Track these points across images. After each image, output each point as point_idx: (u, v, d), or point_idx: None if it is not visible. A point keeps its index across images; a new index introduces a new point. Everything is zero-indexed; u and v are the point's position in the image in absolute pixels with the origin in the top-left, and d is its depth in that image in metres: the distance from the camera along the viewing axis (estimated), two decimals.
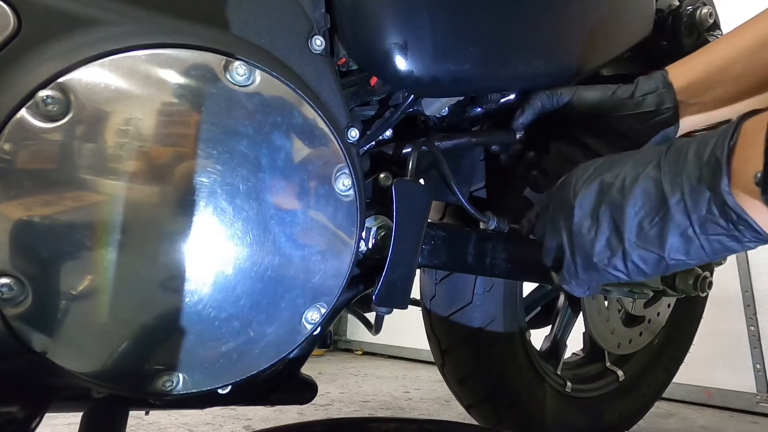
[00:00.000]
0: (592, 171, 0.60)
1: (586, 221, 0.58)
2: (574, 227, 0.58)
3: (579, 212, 0.58)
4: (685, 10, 0.91)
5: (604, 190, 0.57)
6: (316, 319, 0.55)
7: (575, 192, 0.59)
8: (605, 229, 0.56)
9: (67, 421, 1.42)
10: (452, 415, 1.67)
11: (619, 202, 0.55)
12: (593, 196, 0.58)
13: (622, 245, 0.55)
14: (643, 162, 0.55)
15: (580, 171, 0.61)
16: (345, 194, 0.55)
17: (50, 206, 0.44)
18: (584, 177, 0.60)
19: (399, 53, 0.61)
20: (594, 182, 0.58)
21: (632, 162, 0.56)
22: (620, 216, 0.55)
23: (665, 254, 0.53)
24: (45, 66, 0.44)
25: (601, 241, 0.56)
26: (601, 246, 0.56)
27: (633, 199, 0.54)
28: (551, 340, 1.31)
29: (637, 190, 0.54)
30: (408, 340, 3.01)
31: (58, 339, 0.46)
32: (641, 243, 0.54)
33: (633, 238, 0.54)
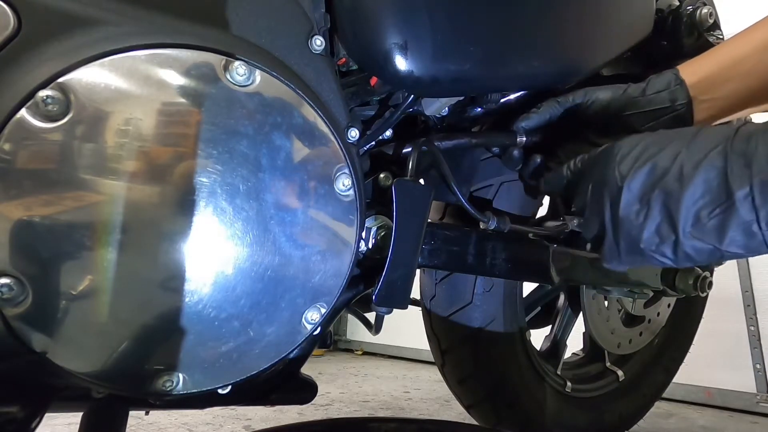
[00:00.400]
0: (640, 151, 0.57)
1: (634, 205, 0.55)
2: (622, 210, 0.56)
3: (627, 195, 0.56)
4: (685, 10, 0.91)
5: (657, 175, 0.54)
6: (316, 319, 0.55)
7: (622, 173, 0.56)
8: (656, 216, 0.54)
9: (67, 421, 1.42)
10: (452, 415, 1.67)
11: (675, 190, 0.52)
12: (644, 180, 0.55)
13: (674, 234, 0.53)
14: (703, 147, 0.52)
15: (624, 147, 0.58)
16: (345, 194, 0.55)
17: (50, 206, 0.44)
18: (632, 156, 0.57)
19: (399, 53, 0.61)
20: (645, 165, 0.55)
21: (691, 146, 0.53)
22: (675, 204, 0.52)
23: (722, 246, 0.51)
24: (45, 66, 0.44)
25: (650, 228, 0.54)
26: (650, 233, 0.54)
27: (692, 188, 0.51)
28: (551, 340, 1.31)
29: (698, 179, 0.51)
30: (408, 340, 3.01)
31: (58, 339, 0.46)
32: (697, 234, 0.51)
33: (688, 228, 0.52)
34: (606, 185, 0.58)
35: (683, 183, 0.52)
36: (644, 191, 0.55)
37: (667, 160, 0.54)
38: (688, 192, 0.51)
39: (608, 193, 0.58)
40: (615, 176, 0.57)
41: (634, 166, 0.56)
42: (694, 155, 0.52)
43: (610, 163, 0.58)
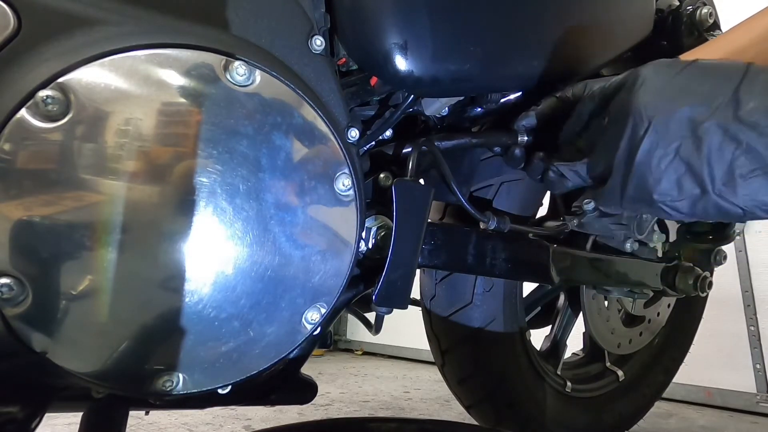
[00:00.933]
0: (674, 82, 0.50)
1: (658, 149, 0.49)
2: (641, 153, 0.50)
3: (653, 136, 0.49)
4: (685, 10, 0.91)
5: (695, 120, 0.47)
6: (316, 319, 0.55)
7: (649, 108, 0.50)
8: (680, 166, 0.48)
9: (67, 421, 1.42)
10: (452, 415, 1.67)
11: (712, 141, 0.47)
12: (678, 123, 0.48)
13: (700, 189, 0.48)
14: (756, 95, 0.46)
15: (655, 78, 0.51)
16: (345, 194, 0.55)
17: (50, 206, 0.44)
18: (666, 90, 0.50)
19: (399, 53, 0.61)
20: (682, 107, 0.48)
21: (740, 95, 0.47)
22: (708, 156, 0.47)
23: (755, 210, 0.46)
24: (45, 66, 0.44)
25: (671, 178, 0.49)
26: (669, 183, 0.49)
27: (732, 142, 0.46)
28: (551, 340, 1.31)
29: (743, 135, 0.46)
30: (408, 340, 3.01)
31: (58, 339, 0.46)
32: (727, 193, 0.47)
33: (719, 185, 0.47)
34: (628, 120, 0.51)
35: (723, 135, 0.46)
36: (674, 135, 0.48)
37: (710, 101, 0.48)
38: (729, 145, 0.46)
39: (629, 129, 0.51)
40: (640, 110, 0.50)
41: (664, 102, 0.49)
42: (743, 102, 0.46)
43: (635, 92, 0.51)
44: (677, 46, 0.90)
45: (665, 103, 0.49)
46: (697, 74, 0.50)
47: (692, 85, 0.50)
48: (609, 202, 0.55)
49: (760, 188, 0.45)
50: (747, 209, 0.47)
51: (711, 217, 0.49)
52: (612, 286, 1.03)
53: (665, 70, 0.52)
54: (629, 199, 0.52)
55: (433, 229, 0.77)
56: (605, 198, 0.55)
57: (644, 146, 0.50)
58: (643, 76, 0.52)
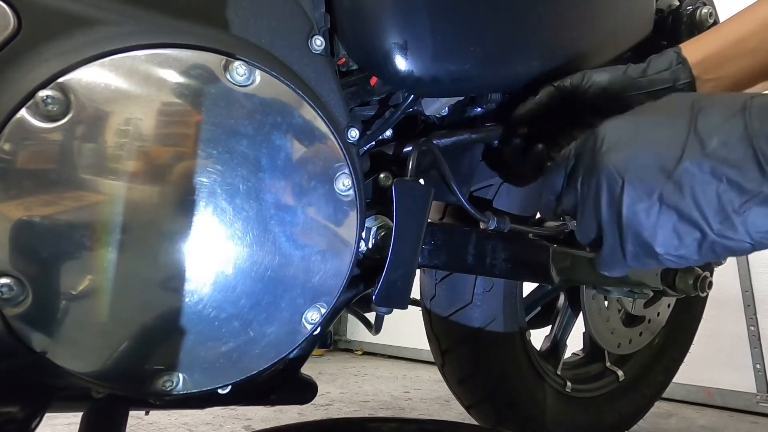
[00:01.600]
0: (632, 134, 0.49)
1: (641, 203, 0.47)
2: (626, 210, 0.48)
3: (631, 192, 0.47)
4: (685, 10, 0.91)
5: (665, 164, 0.46)
6: (316, 319, 0.55)
7: (617, 165, 0.48)
8: (669, 214, 0.46)
9: (67, 421, 1.42)
10: (452, 415, 1.67)
11: (692, 181, 0.45)
12: (650, 171, 0.47)
13: (699, 231, 0.45)
14: (714, 129, 0.45)
15: (611, 132, 0.51)
16: (345, 194, 0.55)
17: (50, 206, 0.44)
18: (623, 142, 0.49)
19: (399, 53, 0.61)
20: (646, 154, 0.47)
21: (698, 128, 0.46)
22: (694, 197, 0.45)
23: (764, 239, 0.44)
24: (45, 66, 0.44)
25: (666, 227, 0.47)
26: (667, 233, 0.47)
27: (712, 178, 0.44)
28: (551, 340, 1.31)
29: (719, 168, 0.44)
30: (408, 340, 3.01)
31: (58, 339, 0.46)
32: (726, 230, 0.45)
33: (716, 225, 0.45)
34: (600, 181, 0.50)
35: (701, 172, 0.45)
36: (652, 183, 0.47)
37: (672, 145, 0.47)
38: (710, 184, 0.44)
39: (605, 190, 0.50)
40: (609, 169, 0.49)
41: (631, 155, 0.48)
42: (706, 139, 0.45)
43: (599, 153, 0.51)
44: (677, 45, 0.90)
45: (631, 157, 0.48)
46: (651, 120, 0.50)
47: (651, 132, 0.49)
48: (613, 266, 0.52)
49: (758, 218, 0.44)
50: (755, 241, 0.45)
51: (722, 256, 0.47)
52: (612, 286, 1.03)
53: (621, 124, 0.52)
54: (633, 258, 0.50)
55: (433, 229, 0.76)
56: (606, 263, 0.53)
57: (626, 203, 0.48)
58: (602, 135, 0.52)
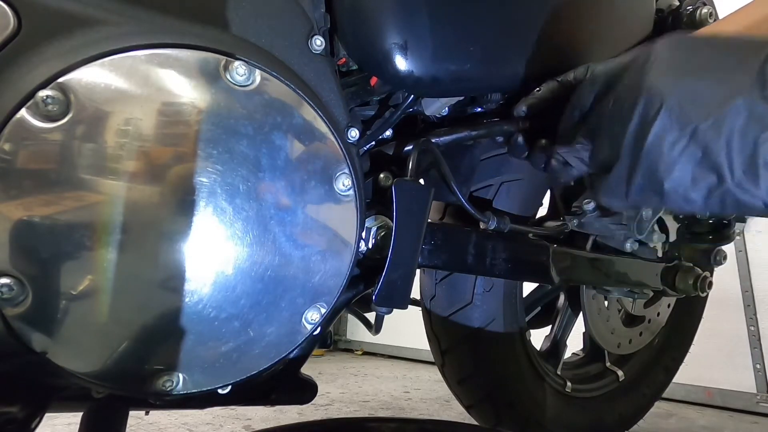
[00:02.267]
0: (690, 58, 0.44)
1: (671, 132, 0.43)
2: (652, 136, 0.43)
3: (666, 117, 0.43)
4: (685, 10, 0.91)
5: (714, 99, 0.42)
6: (316, 319, 0.55)
7: (661, 86, 0.43)
8: (696, 151, 0.42)
9: (67, 421, 1.42)
10: (452, 415, 1.67)
11: (734, 125, 0.41)
12: (696, 101, 0.42)
13: (717, 177, 0.42)
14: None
15: (669, 52, 0.45)
16: (345, 194, 0.55)
17: (50, 206, 0.44)
18: (678, 66, 0.44)
19: (399, 53, 0.61)
20: (698, 81, 0.42)
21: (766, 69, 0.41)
22: (729, 140, 0.41)
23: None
24: (45, 66, 0.44)
25: (684, 165, 0.43)
26: (683, 171, 0.43)
27: (756, 124, 0.40)
28: (551, 340, 1.31)
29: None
30: (408, 340, 3.01)
31: (58, 339, 0.46)
32: (748, 182, 0.41)
33: (738, 173, 0.41)
34: (637, 101, 0.45)
35: (749, 116, 0.40)
36: (691, 115, 0.42)
37: (731, 79, 0.42)
38: (753, 129, 0.40)
39: (639, 111, 0.44)
40: (652, 90, 0.44)
41: (679, 79, 0.43)
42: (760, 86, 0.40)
43: (645, 69, 0.45)
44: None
45: (680, 82, 0.43)
46: (717, 50, 0.44)
47: (712, 62, 0.44)
48: (613, 194, 0.48)
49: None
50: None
51: (727, 210, 0.44)
52: (612, 286, 1.03)
53: (681, 46, 0.46)
54: (636, 190, 0.46)
55: (433, 229, 0.76)
56: (609, 189, 0.48)
57: (655, 129, 0.43)
58: (656, 53, 0.46)
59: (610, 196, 0.49)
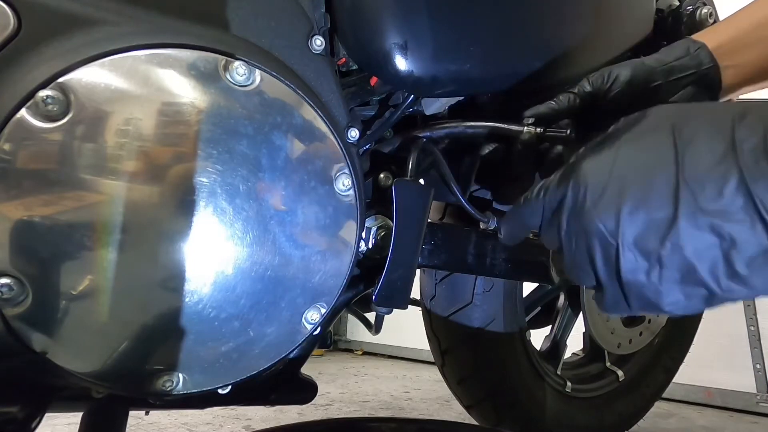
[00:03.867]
0: (618, 187, 0.42)
1: (640, 264, 0.41)
2: (625, 274, 0.42)
3: (629, 255, 0.42)
4: (685, 10, 0.91)
5: (660, 224, 0.40)
6: (316, 319, 0.55)
7: (606, 225, 0.42)
8: (674, 273, 0.40)
9: (67, 421, 1.42)
10: (452, 415, 1.67)
11: (692, 241, 0.39)
12: (643, 233, 0.41)
13: (705, 291, 0.40)
14: (704, 175, 0.39)
15: (592, 183, 0.44)
16: (345, 194, 0.55)
17: (50, 206, 0.44)
18: (609, 197, 0.43)
19: (399, 53, 0.61)
20: (637, 212, 0.41)
21: (686, 175, 0.40)
22: (696, 260, 0.39)
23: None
24: (45, 66, 0.44)
25: (671, 289, 0.41)
26: (672, 294, 0.41)
27: (712, 235, 0.38)
28: (551, 340, 1.31)
29: (720, 224, 0.38)
30: (408, 340, 3.01)
31: (58, 339, 0.46)
32: (735, 284, 0.39)
33: (725, 283, 0.39)
34: (591, 241, 0.44)
35: (699, 231, 0.39)
36: (649, 247, 0.41)
37: (662, 199, 0.40)
38: (712, 242, 0.39)
39: (598, 251, 0.43)
40: (601, 231, 0.43)
41: (620, 215, 0.42)
42: (698, 191, 0.39)
43: (584, 208, 0.44)
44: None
45: (621, 217, 0.42)
46: (633, 159, 0.43)
47: (636, 177, 0.42)
48: (618, 312, 0.46)
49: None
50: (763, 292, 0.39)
51: (736, 300, 0.42)
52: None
53: (602, 166, 0.44)
54: (639, 309, 0.45)
55: (433, 229, 0.76)
56: (612, 309, 0.46)
57: (624, 267, 0.42)
58: (583, 184, 0.44)
59: (613, 313, 0.47)
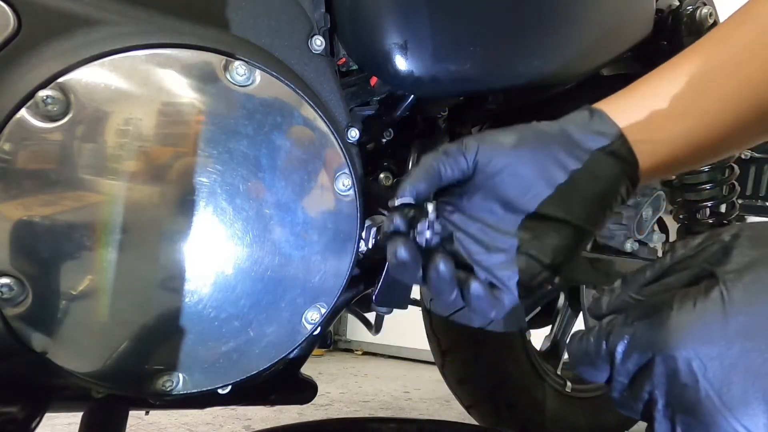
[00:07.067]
0: (747, 357, 0.30)
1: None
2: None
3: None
4: (685, 10, 0.91)
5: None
6: (316, 319, 0.55)
7: (745, 420, 0.30)
8: None
9: (67, 421, 1.42)
10: (452, 415, 1.67)
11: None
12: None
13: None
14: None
15: (712, 366, 0.31)
16: (345, 194, 0.55)
17: (50, 206, 0.44)
18: (743, 379, 0.30)
19: (399, 53, 0.61)
20: (757, 390, 0.30)
21: None
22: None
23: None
24: (45, 66, 0.44)
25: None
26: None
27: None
28: (551, 340, 1.31)
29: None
30: (408, 340, 3.01)
31: (58, 339, 0.46)
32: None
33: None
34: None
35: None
36: None
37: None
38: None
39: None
40: (735, 430, 0.31)
41: (748, 396, 0.30)
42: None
43: (697, 395, 0.31)
44: (677, 46, 0.90)
45: (756, 403, 0.30)
46: (754, 308, 0.31)
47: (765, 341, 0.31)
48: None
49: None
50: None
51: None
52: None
53: (703, 321, 0.32)
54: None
55: None
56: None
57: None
58: (683, 346, 0.32)
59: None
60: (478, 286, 0.47)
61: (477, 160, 0.47)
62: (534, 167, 0.47)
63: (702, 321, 0.31)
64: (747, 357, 0.30)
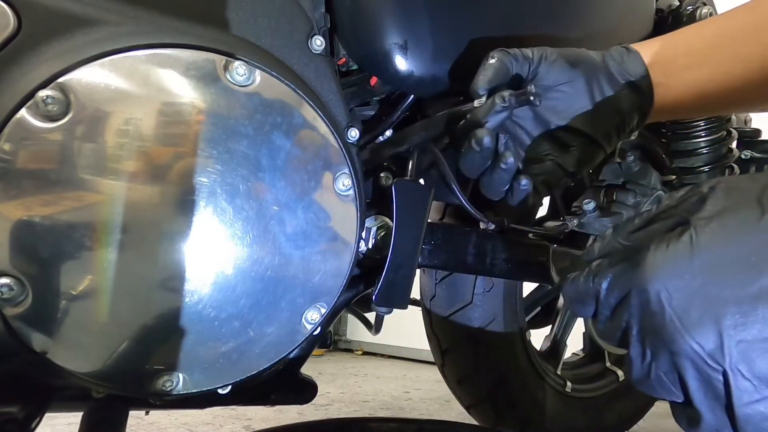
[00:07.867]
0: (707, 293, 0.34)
1: (764, 393, 0.33)
2: (740, 409, 0.33)
3: (742, 385, 0.33)
4: (685, 10, 0.91)
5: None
6: (316, 319, 0.55)
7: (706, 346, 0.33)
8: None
9: (67, 421, 1.42)
10: (452, 415, 1.67)
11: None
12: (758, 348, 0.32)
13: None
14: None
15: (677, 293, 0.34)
16: (345, 194, 0.55)
17: (50, 206, 0.44)
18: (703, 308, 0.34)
19: (399, 53, 0.61)
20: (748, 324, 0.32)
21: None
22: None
23: None
24: (45, 66, 0.44)
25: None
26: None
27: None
28: (551, 340, 1.31)
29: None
30: (408, 340, 3.01)
31: (58, 339, 0.46)
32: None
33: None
34: (683, 365, 0.35)
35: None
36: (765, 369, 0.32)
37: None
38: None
39: (691, 373, 0.35)
40: (692, 350, 0.34)
41: (721, 330, 0.33)
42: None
43: (663, 321, 0.35)
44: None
45: (725, 335, 0.33)
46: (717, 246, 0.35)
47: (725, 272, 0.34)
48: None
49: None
50: None
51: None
52: None
53: (673, 258, 0.35)
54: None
55: (433, 229, 0.76)
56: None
57: (738, 400, 0.33)
58: (655, 297, 0.35)
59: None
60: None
61: (538, 70, 0.57)
62: (583, 87, 0.57)
63: (672, 259, 0.35)
64: (706, 288, 0.34)
